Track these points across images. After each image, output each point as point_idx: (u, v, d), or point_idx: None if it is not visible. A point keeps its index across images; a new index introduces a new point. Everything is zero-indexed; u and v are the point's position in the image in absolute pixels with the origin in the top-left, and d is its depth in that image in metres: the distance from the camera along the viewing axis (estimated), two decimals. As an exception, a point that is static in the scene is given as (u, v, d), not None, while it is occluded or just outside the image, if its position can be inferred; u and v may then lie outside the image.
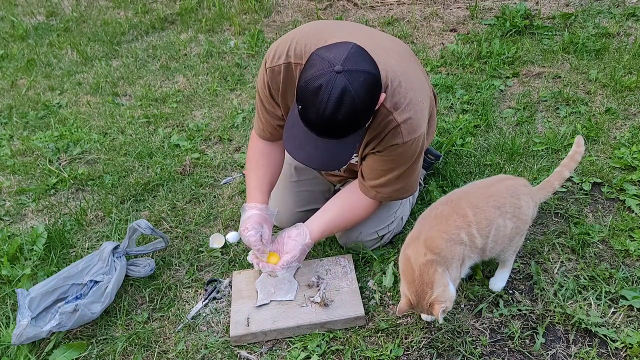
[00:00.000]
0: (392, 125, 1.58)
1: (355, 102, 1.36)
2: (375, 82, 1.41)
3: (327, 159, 1.49)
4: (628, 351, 1.54)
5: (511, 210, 1.61)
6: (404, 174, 1.71)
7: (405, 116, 1.57)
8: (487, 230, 1.57)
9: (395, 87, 1.56)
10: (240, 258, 2.03)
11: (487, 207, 1.58)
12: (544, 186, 1.80)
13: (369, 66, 1.40)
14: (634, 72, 2.89)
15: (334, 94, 1.34)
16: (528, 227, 1.71)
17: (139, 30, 4.39)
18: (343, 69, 1.35)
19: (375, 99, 1.44)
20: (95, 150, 2.83)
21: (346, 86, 1.34)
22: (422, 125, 1.62)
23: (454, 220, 1.56)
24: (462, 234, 1.54)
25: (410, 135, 1.59)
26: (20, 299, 1.75)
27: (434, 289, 1.47)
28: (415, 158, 1.68)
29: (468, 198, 1.62)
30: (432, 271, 1.48)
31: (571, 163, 1.83)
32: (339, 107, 1.35)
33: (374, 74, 1.40)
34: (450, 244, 1.52)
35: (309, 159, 1.50)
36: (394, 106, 1.56)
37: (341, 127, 1.40)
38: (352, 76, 1.35)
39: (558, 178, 1.81)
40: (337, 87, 1.34)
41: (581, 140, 1.86)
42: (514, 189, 1.66)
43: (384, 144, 1.62)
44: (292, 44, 1.63)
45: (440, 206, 1.64)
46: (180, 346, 1.72)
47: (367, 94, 1.39)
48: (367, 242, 1.94)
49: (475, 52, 3.30)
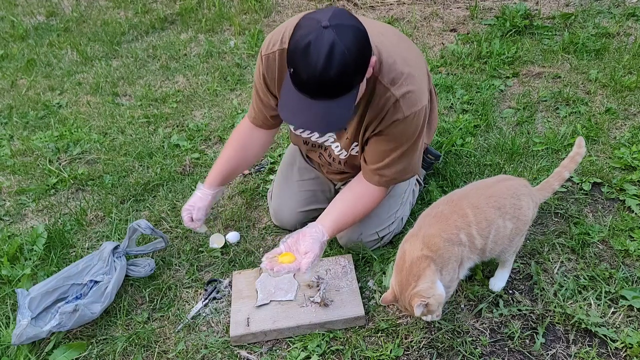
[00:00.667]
0: (392, 100, 1.57)
1: (346, 56, 1.33)
2: (364, 38, 1.39)
3: (324, 121, 1.44)
4: (628, 351, 1.54)
5: (511, 210, 1.61)
6: (406, 153, 1.69)
7: (403, 90, 1.56)
8: (487, 231, 1.57)
9: (390, 64, 1.57)
10: (240, 258, 2.03)
11: (487, 208, 1.58)
12: (544, 187, 1.80)
13: (356, 22, 1.39)
14: (634, 72, 2.89)
15: (323, 48, 1.31)
16: (528, 227, 1.71)
17: (139, 30, 4.39)
18: (330, 24, 1.33)
19: (366, 57, 1.41)
20: (95, 150, 2.83)
21: (335, 40, 1.32)
22: (422, 98, 1.60)
23: (454, 221, 1.55)
24: (462, 235, 1.54)
25: (410, 109, 1.58)
26: (20, 299, 1.75)
27: (418, 282, 1.46)
28: (418, 134, 1.66)
29: (469, 198, 1.62)
30: (423, 265, 1.47)
31: (571, 164, 1.83)
32: (329, 61, 1.32)
33: (362, 30, 1.38)
34: (449, 244, 1.52)
35: (306, 123, 1.48)
36: (391, 82, 1.56)
37: (333, 84, 1.37)
38: (340, 30, 1.33)
39: (558, 179, 1.81)
40: (326, 42, 1.31)
41: (582, 142, 1.85)
42: (514, 190, 1.66)
43: (386, 122, 1.61)
44: (286, 32, 1.62)
45: (441, 205, 1.63)
46: (180, 346, 1.72)
47: (357, 48, 1.36)
48: (367, 243, 1.94)
49: (475, 52, 3.30)
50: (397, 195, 1.96)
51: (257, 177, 2.50)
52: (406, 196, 2.01)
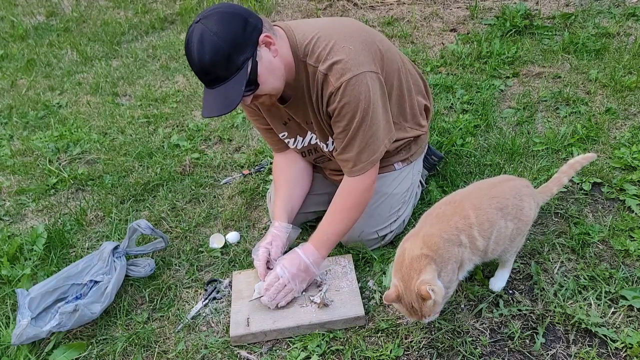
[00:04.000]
0: (320, 77, 1.62)
1: (215, 38, 1.45)
2: (233, 17, 1.49)
3: (220, 104, 1.53)
4: (628, 351, 1.54)
5: (513, 211, 1.61)
6: (360, 129, 1.64)
7: (327, 63, 1.60)
8: (489, 232, 1.57)
9: (313, 43, 1.63)
10: (240, 258, 2.03)
11: (489, 209, 1.58)
12: (543, 190, 1.80)
13: (225, 8, 1.51)
14: (634, 72, 2.89)
15: (194, 40, 1.47)
16: (529, 228, 1.71)
17: (139, 30, 4.39)
18: (199, 19, 1.49)
19: (238, 30, 1.49)
20: (95, 150, 2.83)
21: (202, 29, 1.47)
22: (353, 66, 1.59)
23: (455, 222, 1.55)
24: (462, 236, 1.54)
25: (340, 79, 1.59)
26: (20, 299, 1.75)
27: (421, 274, 1.45)
28: (365, 105, 1.61)
29: (471, 199, 1.62)
30: (424, 262, 1.46)
31: (570, 171, 1.83)
32: (202, 49, 1.46)
33: (229, 12, 1.50)
34: (449, 245, 1.52)
35: (210, 111, 1.55)
36: (316, 60, 1.62)
37: (214, 66, 1.48)
38: (206, 20, 1.48)
39: (557, 184, 1.82)
40: (196, 34, 1.47)
41: (591, 158, 1.87)
42: (517, 190, 1.65)
43: (325, 100, 1.65)
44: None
45: (443, 206, 1.63)
46: (180, 346, 1.72)
47: (224, 27, 1.47)
48: (368, 242, 1.93)
49: (475, 52, 3.30)
50: (399, 194, 1.96)
51: (257, 177, 2.50)
52: (408, 195, 2.00)
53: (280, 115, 1.83)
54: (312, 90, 1.67)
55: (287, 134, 1.91)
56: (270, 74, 1.58)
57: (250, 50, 1.51)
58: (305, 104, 1.73)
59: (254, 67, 1.53)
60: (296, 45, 1.63)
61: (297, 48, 1.64)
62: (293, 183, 1.98)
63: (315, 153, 1.95)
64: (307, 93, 1.69)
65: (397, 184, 1.94)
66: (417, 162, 2.04)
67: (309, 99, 1.71)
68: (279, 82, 1.62)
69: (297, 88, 1.69)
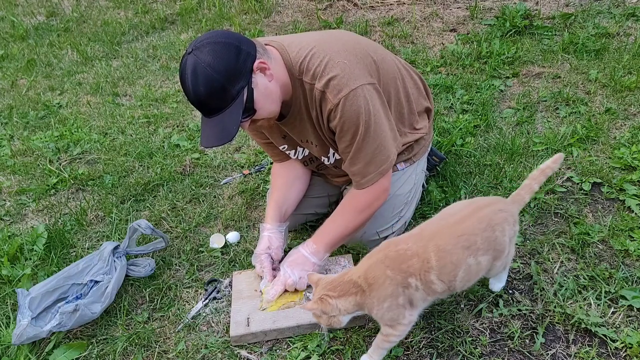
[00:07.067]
0: (318, 94, 1.61)
1: (208, 70, 1.45)
2: (226, 48, 1.47)
3: (218, 134, 1.53)
4: (628, 351, 1.54)
5: (484, 245, 1.51)
6: (364, 142, 1.64)
7: (323, 81, 1.59)
8: (452, 275, 1.49)
9: (308, 60, 1.61)
10: (241, 258, 2.03)
11: (455, 250, 1.49)
12: (516, 199, 1.67)
13: (216, 38, 1.49)
14: (634, 72, 2.89)
15: (188, 72, 1.47)
16: (513, 245, 1.63)
17: (139, 30, 4.40)
18: (192, 50, 1.48)
19: (231, 60, 1.47)
20: (96, 150, 2.84)
21: (195, 62, 1.46)
22: (349, 81, 1.58)
23: (410, 265, 1.46)
24: (412, 279, 1.46)
25: (337, 95, 1.58)
26: (20, 299, 1.75)
27: (340, 299, 1.46)
28: (365, 118, 1.60)
29: (436, 239, 1.51)
30: (351, 291, 1.46)
31: (541, 176, 1.69)
32: (196, 81, 1.46)
33: (221, 42, 1.48)
34: (390, 283, 1.45)
35: (208, 141, 1.55)
36: (312, 77, 1.60)
37: (210, 98, 1.48)
38: (198, 51, 1.46)
39: (528, 191, 1.67)
40: (189, 66, 1.47)
41: (560, 159, 1.70)
42: (487, 221, 1.52)
43: (325, 117, 1.64)
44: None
45: (411, 241, 1.51)
46: (180, 346, 1.72)
47: (217, 58, 1.46)
48: (369, 242, 1.93)
49: (475, 52, 3.30)
50: (402, 194, 1.95)
51: (257, 177, 2.50)
52: (411, 195, 1.99)
53: (279, 129, 1.84)
54: (311, 108, 1.66)
55: (287, 146, 1.92)
56: (266, 99, 1.58)
57: (245, 79, 1.51)
58: (304, 121, 1.72)
59: (250, 95, 1.53)
60: (291, 63, 1.62)
61: (292, 66, 1.62)
62: (289, 186, 1.99)
63: (317, 161, 1.95)
64: (306, 110, 1.68)
65: (400, 184, 1.94)
66: (420, 162, 2.03)
67: (308, 116, 1.69)
68: (275, 106, 1.63)
69: (295, 105, 1.69)
